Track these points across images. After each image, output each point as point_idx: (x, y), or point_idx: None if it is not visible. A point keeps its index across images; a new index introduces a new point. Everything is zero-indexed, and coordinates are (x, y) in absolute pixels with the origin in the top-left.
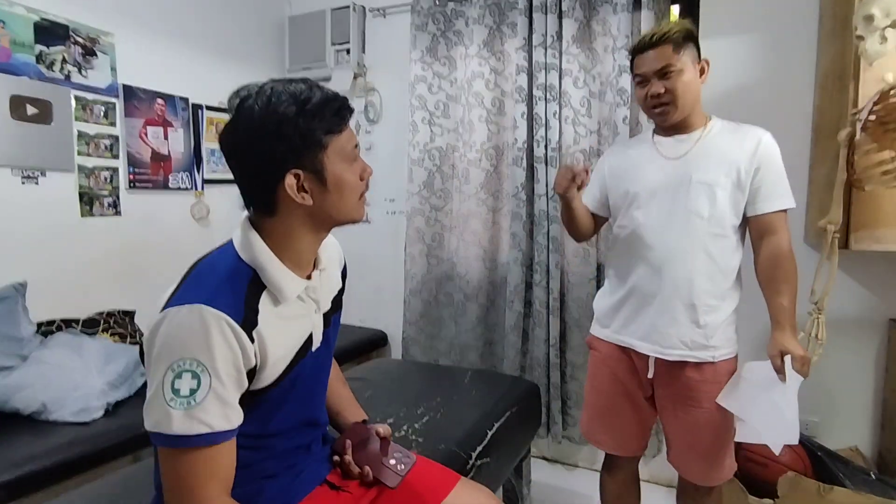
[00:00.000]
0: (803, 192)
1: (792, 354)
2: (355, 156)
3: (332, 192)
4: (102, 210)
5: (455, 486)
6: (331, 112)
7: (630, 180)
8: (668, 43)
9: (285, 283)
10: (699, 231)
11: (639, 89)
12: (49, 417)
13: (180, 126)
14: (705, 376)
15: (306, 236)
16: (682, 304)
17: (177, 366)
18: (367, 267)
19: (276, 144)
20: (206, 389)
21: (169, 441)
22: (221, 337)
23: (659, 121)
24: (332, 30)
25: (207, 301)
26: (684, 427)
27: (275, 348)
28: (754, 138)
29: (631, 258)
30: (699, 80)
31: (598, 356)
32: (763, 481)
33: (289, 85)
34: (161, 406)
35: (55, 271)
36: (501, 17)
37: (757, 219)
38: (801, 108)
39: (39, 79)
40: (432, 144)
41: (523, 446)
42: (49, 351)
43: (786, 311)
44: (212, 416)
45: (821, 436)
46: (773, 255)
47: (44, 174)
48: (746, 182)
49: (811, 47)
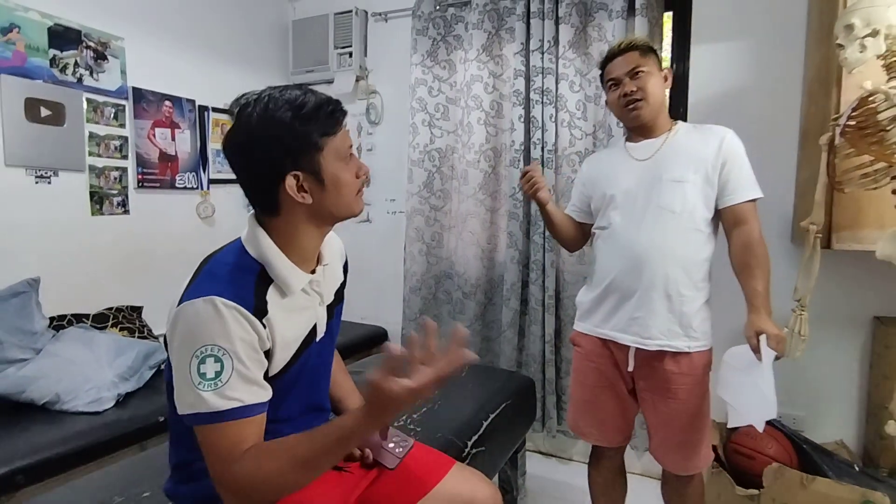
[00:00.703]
0: (791, 194)
1: (767, 333)
2: (351, 155)
3: (330, 190)
4: (112, 209)
5: (451, 469)
6: (325, 115)
7: (606, 184)
8: (635, 50)
9: (291, 277)
10: (672, 226)
11: (611, 93)
12: (63, 407)
13: (187, 127)
14: (682, 368)
15: (309, 233)
16: (660, 296)
17: (200, 352)
18: (367, 265)
19: (276, 149)
20: (230, 371)
21: (206, 419)
22: (236, 323)
23: (632, 118)
24: (335, 34)
25: (219, 293)
26: (662, 418)
27: (283, 337)
28: (718, 136)
29: (610, 256)
30: (664, 85)
31: (581, 351)
32: (750, 473)
33: (285, 92)
34: (192, 390)
35: (67, 268)
36: (500, 23)
37: (728, 210)
38: (789, 113)
39: (53, 82)
40: (432, 146)
41: (518, 438)
42: (61, 344)
43: (760, 294)
44: (240, 392)
45: (807, 430)
46: (746, 242)
47: (56, 174)
48: (714, 177)
49: (799, 54)
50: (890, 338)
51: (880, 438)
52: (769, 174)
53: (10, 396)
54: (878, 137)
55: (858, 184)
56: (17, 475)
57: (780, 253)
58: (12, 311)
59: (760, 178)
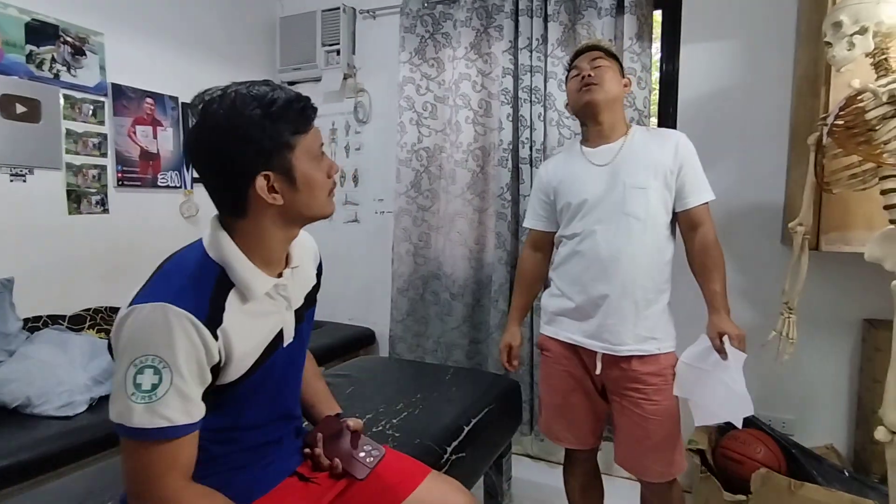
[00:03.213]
0: (781, 195)
1: (729, 334)
2: (322, 154)
3: (301, 190)
4: (90, 208)
5: (425, 478)
6: (295, 113)
7: (569, 192)
8: (600, 50)
9: (253, 281)
10: (638, 232)
11: (572, 82)
12: (34, 411)
13: (170, 125)
14: (650, 369)
15: (277, 235)
16: (629, 303)
17: (139, 361)
18: (355, 265)
19: (245, 148)
20: (167, 385)
21: (130, 433)
22: (184, 334)
23: (584, 98)
24: (323, 31)
25: (172, 299)
26: (634, 420)
27: (241, 345)
28: (672, 140)
29: (578, 263)
30: (621, 87)
31: (549, 356)
32: (738, 478)
33: (252, 87)
34: (123, 400)
35: (42, 268)
36: (488, 20)
37: (685, 213)
38: (779, 113)
39: (29, 78)
40: (420, 145)
41: (502, 442)
42: (35, 346)
43: (718, 295)
44: (172, 410)
45: (797, 434)
46: (703, 245)
47: (32, 172)
48: (672, 181)
49: (789, 52)
50: (880, 341)
51: (871, 443)
52: (759, 174)
53: None
54: (866, 137)
55: (847, 184)
56: None
57: (769, 254)
58: None
59: (750, 179)
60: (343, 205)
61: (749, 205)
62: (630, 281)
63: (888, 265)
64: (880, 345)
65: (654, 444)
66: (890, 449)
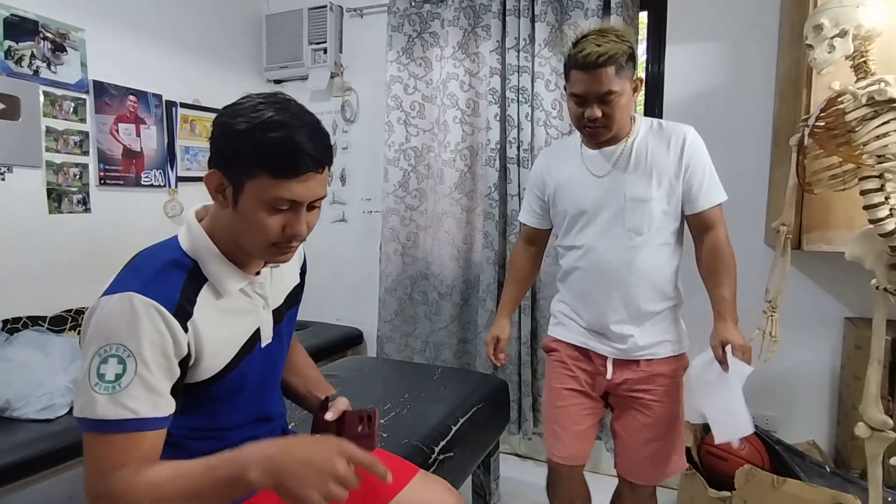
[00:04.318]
0: (764, 195)
1: (732, 344)
2: (291, 210)
3: (242, 217)
4: (71, 207)
5: (412, 478)
6: (277, 155)
7: (565, 201)
8: (613, 64)
9: (226, 277)
10: (641, 246)
11: (574, 106)
12: (13, 414)
13: (153, 123)
14: (660, 369)
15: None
16: (636, 315)
17: (103, 351)
18: (343, 265)
19: (215, 142)
20: (132, 375)
21: (92, 426)
22: (150, 323)
23: (589, 139)
24: (310, 29)
25: (140, 290)
26: (642, 424)
27: (213, 341)
28: (679, 138)
29: (583, 277)
30: (633, 98)
31: (556, 356)
32: (723, 475)
33: (276, 110)
34: (86, 391)
35: (22, 268)
36: (476, 20)
37: (695, 216)
38: (762, 114)
39: (7, 74)
40: (408, 144)
41: (490, 442)
42: (14, 348)
43: (727, 302)
44: (137, 401)
45: (780, 430)
46: (713, 248)
47: (10, 170)
48: (678, 185)
49: (772, 55)
50: (861, 338)
51: (851, 439)
52: (743, 175)
53: None
54: (846, 138)
55: (828, 185)
56: None
57: (752, 254)
58: None
59: (734, 179)
60: (330, 204)
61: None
62: (635, 296)
63: (867, 264)
64: (861, 342)
65: (660, 446)
66: (869, 444)
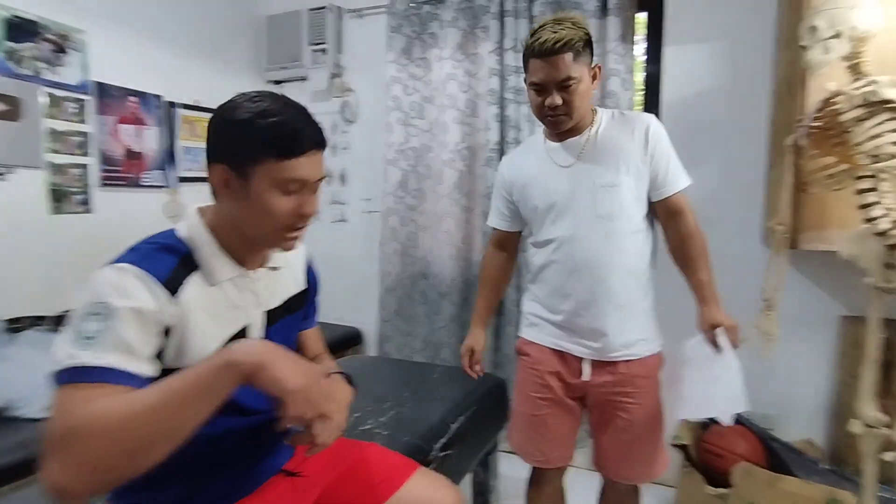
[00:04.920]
0: (760, 195)
1: (722, 325)
2: (299, 191)
3: (254, 206)
4: (73, 207)
5: (413, 473)
6: (280, 135)
7: (534, 196)
8: (570, 51)
9: (216, 264)
10: (614, 234)
11: (534, 95)
12: (15, 414)
13: (154, 124)
14: (638, 371)
15: (244, 236)
16: (614, 308)
17: (87, 310)
18: (343, 265)
19: (216, 137)
20: (112, 331)
21: (61, 377)
22: (137, 287)
23: (551, 129)
24: (309, 30)
25: (132, 262)
26: (620, 426)
27: (198, 327)
28: (642, 126)
29: (557, 271)
30: (593, 85)
31: (528, 361)
32: (720, 472)
33: (273, 102)
34: (62, 349)
35: (24, 269)
36: (475, 21)
37: (662, 202)
38: (759, 114)
39: (8, 75)
40: (407, 145)
41: (489, 440)
42: (16, 348)
43: (706, 285)
44: (110, 353)
45: (777, 428)
46: (685, 234)
47: (12, 171)
48: (644, 171)
49: (768, 56)
50: (857, 336)
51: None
52: (740, 175)
53: None
54: (841, 139)
55: (823, 185)
56: None
57: (749, 254)
58: None
59: (731, 179)
60: (330, 204)
61: (729, 205)
62: (612, 285)
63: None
64: (857, 341)
65: (642, 446)
66: (863, 441)
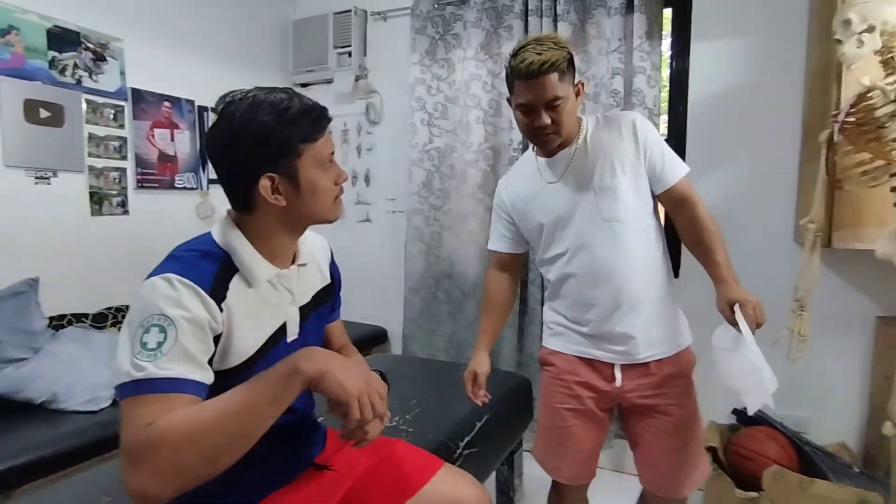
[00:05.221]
0: (793, 192)
1: (740, 302)
2: (331, 161)
3: (305, 195)
4: (111, 209)
5: (439, 470)
6: (308, 121)
7: (537, 213)
8: (555, 71)
9: (256, 266)
10: (624, 235)
11: (521, 116)
12: (59, 406)
13: (186, 128)
14: (670, 369)
15: (282, 235)
16: (635, 310)
17: (146, 321)
18: (368, 265)
19: (253, 149)
20: (173, 342)
21: (133, 388)
22: (189, 299)
23: (541, 148)
24: (335, 33)
25: (178, 272)
26: (664, 431)
27: (242, 327)
28: (628, 124)
29: (572, 286)
30: (578, 102)
31: (553, 371)
32: (750, 475)
33: (270, 94)
34: (128, 360)
35: (67, 268)
36: (498, 21)
37: (666, 194)
38: (791, 109)
39: (52, 83)
40: (431, 145)
41: (513, 439)
42: (60, 344)
43: (722, 265)
44: (177, 364)
45: (809, 431)
46: (692, 219)
47: (56, 175)
48: (641, 167)
49: (800, 49)
50: (892, 338)
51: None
52: (771, 172)
53: (7, 396)
54: (876, 134)
55: (858, 181)
56: (10, 474)
57: (781, 252)
58: (11, 310)
59: (762, 177)
60: (355, 204)
61: (760, 203)
62: (630, 286)
63: None
64: (893, 342)
65: (685, 453)
66: None
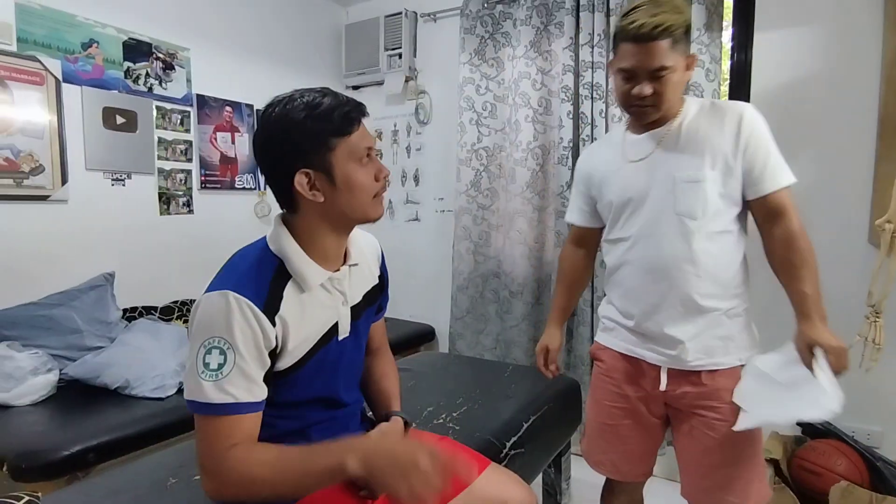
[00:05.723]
0: (868, 190)
1: (824, 347)
2: (369, 156)
3: (342, 190)
4: (178, 208)
5: (486, 469)
6: (340, 115)
7: (610, 191)
8: (668, 37)
9: (308, 272)
10: (696, 234)
11: (621, 82)
12: (131, 392)
13: (246, 131)
14: (723, 383)
15: (328, 235)
16: (692, 313)
17: (207, 343)
18: (416, 263)
19: (285, 146)
20: (232, 365)
21: (201, 408)
22: (243, 319)
23: (635, 119)
24: (386, 36)
25: (234, 287)
26: (706, 446)
27: (297, 333)
28: (735, 115)
29: (631, 272)
30: (686, 76)
31: (602, 367)
32: (816, 491)
33: (306, 94)
34: (194, 377)
35: (138, 264)
36: (549, 18)
37: (758, 201)
38: (865, 102)
39: (127, 92)
40: (479, 144)
41: (561, 441)
42: (132, 334)
43: (809, 298)
44: (236, 388)
45: (882, 446)
46: (785, 237)
47: (130, 177)
48: (737, 166)
49: (876, 37)
50: None
51: None
52: (843, 169)
53: (86, 380)
54: None
55: None
56: (89, 453)
57: (855, 254)
58: (90, 302)
59: (833, 174)
60: (404, 204)
61: (831, 202)
62: (692, 290)
63: None
64: None
65: (732, 473)
66: None
